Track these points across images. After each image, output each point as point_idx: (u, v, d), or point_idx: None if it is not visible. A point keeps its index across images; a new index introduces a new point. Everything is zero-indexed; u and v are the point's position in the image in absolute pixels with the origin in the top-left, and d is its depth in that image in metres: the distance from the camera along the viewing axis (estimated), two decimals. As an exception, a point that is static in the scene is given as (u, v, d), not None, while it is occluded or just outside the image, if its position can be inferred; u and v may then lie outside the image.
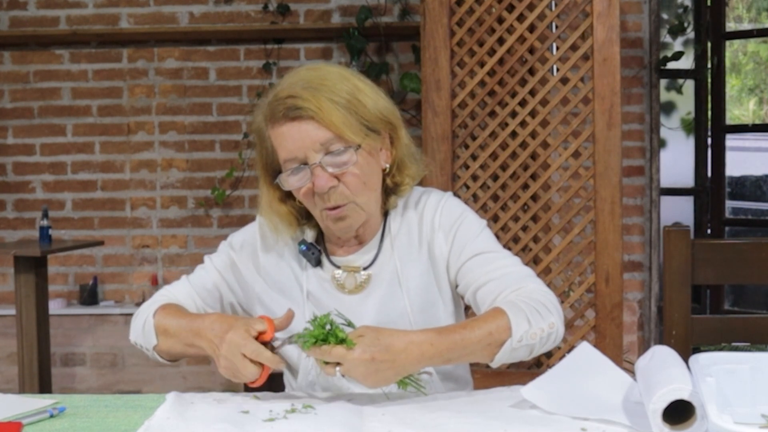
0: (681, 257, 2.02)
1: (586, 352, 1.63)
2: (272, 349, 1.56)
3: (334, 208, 1.69)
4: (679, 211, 5.25)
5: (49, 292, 4.68)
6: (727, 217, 5.20)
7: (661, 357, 1.50)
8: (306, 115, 1.63)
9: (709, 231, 5.11)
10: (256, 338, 1.56)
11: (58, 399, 1.64)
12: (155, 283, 4.82)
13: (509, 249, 3.20)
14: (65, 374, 4.78)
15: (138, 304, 4.74)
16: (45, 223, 4.06)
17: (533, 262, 3.18)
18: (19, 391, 3.85)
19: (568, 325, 3.04)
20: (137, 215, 4.90)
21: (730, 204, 5.53)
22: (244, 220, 4.65)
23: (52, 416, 1.52)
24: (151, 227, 4.90)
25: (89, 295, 4.80)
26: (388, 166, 1.77)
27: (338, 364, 1.49)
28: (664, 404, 1.31)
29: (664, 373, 1.39)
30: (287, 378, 1.88)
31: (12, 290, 3.92)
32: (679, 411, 1.32)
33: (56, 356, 4.73)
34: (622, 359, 3.09)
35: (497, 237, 3.17)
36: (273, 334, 1.57)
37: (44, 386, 3.83)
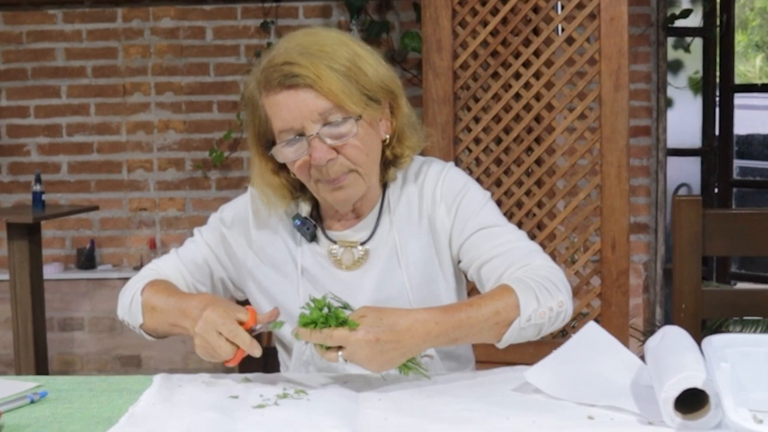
0: (691, 228, 1.93)
1: (592, 332, 1.55)
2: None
3: (332, 181, 1.61)
4: (685, 172, 5.16)
5: (46, 256, 4.64)
6: (735, 178, 5.11)
7: (672, 339, 1.43)
8: (303, 83, 1.53)
9: (716, 191, 5.03)
10: None
11: (40, 382, 1.57)
12: (153, 247, 4.76)
13: (513, 214, 3.13)
14: (63, 339, 4.73)
15: (136, 268, 4.67)
16: (38, 188, 3.97)
17: (537, 227, 3.11)
18: (15, 357, 3.79)
19: (573, 292, 2.96)
20: (134, 178, 4.82)
21: (737, 163, 5.44)
22: (242, 182, 4.56)
23: (32, 402, 1.45)
24: (148, 190, 4.82)
25: (86, 259, 4.74)
26: (387, 137, 1.68)
27: (339, 348, 1.41)
28: (676, 393, 1.24)
29: (676, 358, 1.32)
30: (282, 357, 1.81)
31: (6, 255, 3.85)
32: (691, 399, 1.25)
33: (54, 321, 4.68)
34: (629, 326, 3.02)
35: (500, 202, 3.12)
36: (253, 323, 1.50)
37: (39, 352, 3.78)
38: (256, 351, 1.46)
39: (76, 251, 4.79)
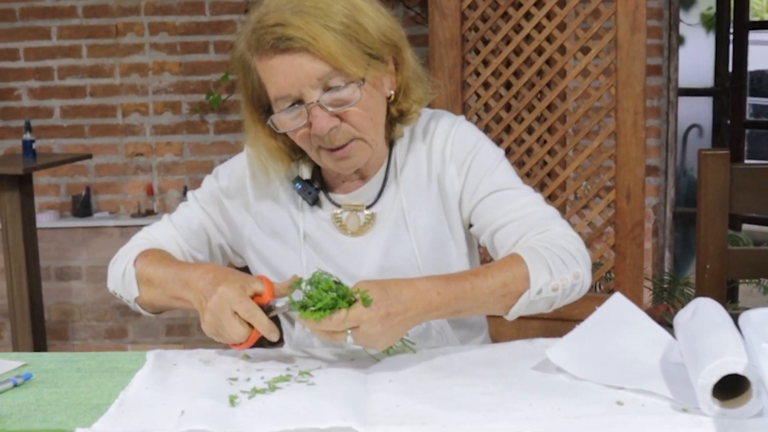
0: (718, 185, 1.82)
1: (618, 304, 1.44)
2: (267, 312, 1.38)
3: (337, 149, 1.48)
4: (697, 112, 5.00)
5: (41, 204, 4.53)
6: (748, 118, 4.96)
7: (707, 315, 1.32)
8: (298, 46, 1.39)
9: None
10: (252, 299, 1.38)
11: (25, 360, 1.47)
12: (150, 193, 4.63)
13: (523, 162, 3.00)
14: (61, 289, 4.63)
15: (134, 215, 4.58)
16: (28, 136, 3.82)
17: (548, 176, 2.98)
18: (9, 308, 3.70)
19: (587, 243, 2.86)
20: (129, 122, 4.67)
21: (749, 101, 5.29)
22: (241, 126, 4.38)
23: (16, 386, 1.35)
24: (144, 134, 4.68)
25: (82, 207, 4.61)
26: (392, 93, 1.55)
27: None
28: (714, 379, 1.14)
29: (713, 339, 1.21)
30: (285, 327, 1.70)
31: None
32: (730, 384, 1.14)
33: (51, 270, 4.58)
34: (642, 278, 2.91)
35: (510, 150, 2.99)
36: (271, 297, 1.38)
37: (35, 304, 3.69)
38: (274, 335, 1.36)
39: (71, 198, 4.67)
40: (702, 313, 1.33)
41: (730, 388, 1.15)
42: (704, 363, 1.15)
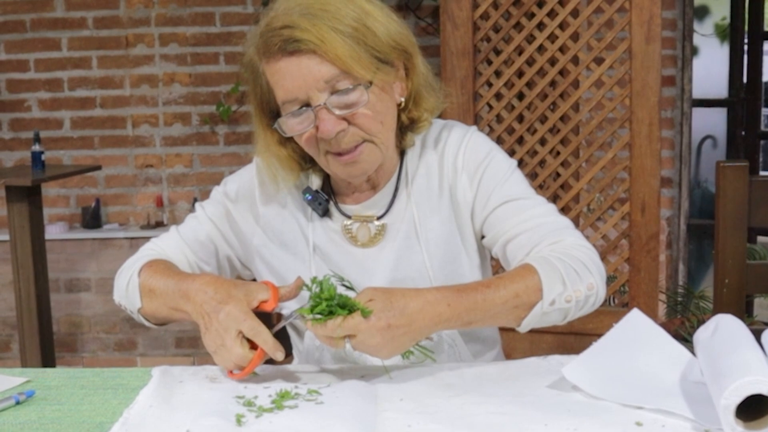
0: (737, 197, 1.78)
1: (636, 321, 1.40)
2: (275, 322, 1.35)
3: (344, 153, 1.45)
4: (711, 123, 4.96)
5: (50, 215, 4.52)
6: (763, 129, 4.90)
7: (728, 332, 1.27)
8: (306, 48, 1.37)
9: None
10: (257, 307, 1.36)
11: (29, 376, 1.44)
12: (160, 205, 4.61)
13: (536, 174, 2.96)
14: (70, 301, 4.61)
15: (143, 227, 4.56)
16: (37, 147, 3.81)
17: (562, 188, 2.94)
18: (18, 321, 3.67)
19: (601, 256, 2.81)
20: (139, 133, 4.65)
21: (763, 111, 5.23)
22: (251, 138, 4.35)
23: (18, 403, 1.32)
24: (154, 146, 4.66)
25: (92, 218, 4.59)
26: (403, 100, 1.52)
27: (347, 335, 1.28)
28: (738, 400, 1.09)
29: (736, 357, 1.17)
30: (294, 340, 1.68)
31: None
32: (754, 404, 1.10)
33: (60, 282, 4.56)
34: (657, 292, 2.86)
35: (522, 162, 2.95)
36: (276, 304, 1.36)
37: (43, 316, 3.66)
38: (279, 354, 1.33)
39: (81, 210, 4.65)
40: (723, 330, 1.29)
41: (754, 408, 1.11)
42: (727, 382, 1.11)
